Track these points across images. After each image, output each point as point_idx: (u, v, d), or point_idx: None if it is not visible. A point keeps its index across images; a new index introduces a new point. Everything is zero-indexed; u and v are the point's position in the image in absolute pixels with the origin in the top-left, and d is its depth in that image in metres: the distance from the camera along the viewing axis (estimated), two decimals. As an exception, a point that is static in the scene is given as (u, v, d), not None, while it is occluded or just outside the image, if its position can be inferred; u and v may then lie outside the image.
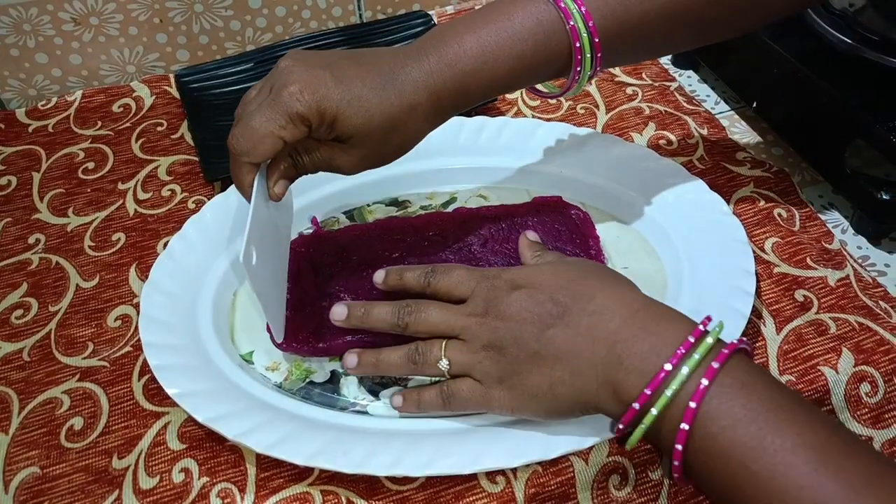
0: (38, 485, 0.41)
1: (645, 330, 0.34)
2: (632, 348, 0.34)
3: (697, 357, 0.32)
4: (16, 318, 0.49)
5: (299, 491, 0.40)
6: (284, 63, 0.39)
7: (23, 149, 0.62)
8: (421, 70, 0.39)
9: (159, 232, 0.55)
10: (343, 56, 0.39)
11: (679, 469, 0.32)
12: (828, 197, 0.57)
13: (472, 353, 0.39)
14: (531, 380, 0.37)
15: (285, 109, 0.37)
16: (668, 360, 0.32)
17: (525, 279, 0.39)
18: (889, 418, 0.42)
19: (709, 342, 0.32)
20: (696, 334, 0.33)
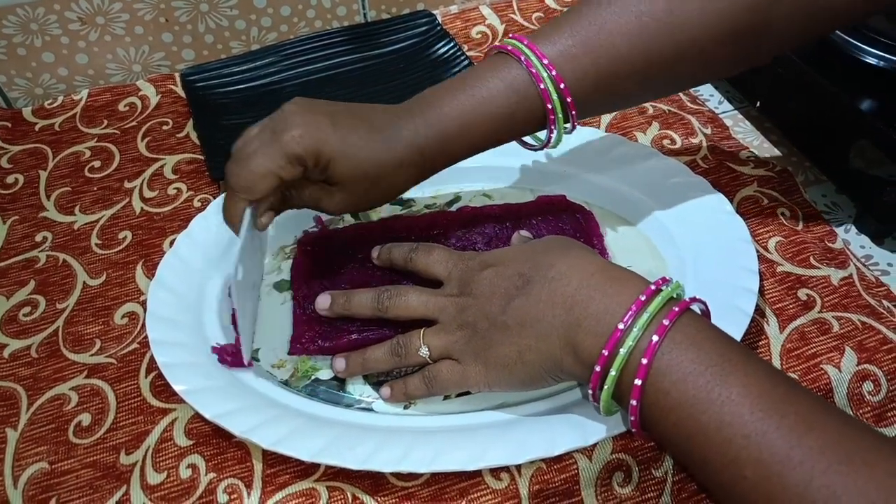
0: (46, 480, 0.41)
1: (600, 291, 0.35)
2: (587, 309, 0.35)
3: (647, 316, 0.33)
4: (24, 315, 0.50)
5: (305, 487, 0.40)
6: (289, 108, 0.41)
7: (29, 147, 0.63)
8: (408, 129, 0.42)
9: (165, 230, 0.55)
10: (344, 107, 0.42)
11: (636, 423, 0.34)
12: (831, 196, 0.57)
13: (448, 335, 0.40)
14: (501, 350, 0.38)
15: (285, 150, 0.39)
16: (621, 320, 0.33)
17: (495, 258, 0.41)
18: (892, 416, 0.43)
19: (658, 300, 0.34)
20: (648, 293, 0.34)
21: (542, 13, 0.74)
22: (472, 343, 0.39)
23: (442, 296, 0.42)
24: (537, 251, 0.40)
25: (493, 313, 0.39)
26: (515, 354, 0.38)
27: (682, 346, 0.32)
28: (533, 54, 0.41)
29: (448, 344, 0.40)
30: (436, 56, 0.68)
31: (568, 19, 0.42)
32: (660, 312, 0.34)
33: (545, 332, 0.37)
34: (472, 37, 0.72)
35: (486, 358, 0.39)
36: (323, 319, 0.46)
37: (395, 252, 0.46)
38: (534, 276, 0.38)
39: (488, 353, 0.39)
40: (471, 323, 0.40)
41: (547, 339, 0.37)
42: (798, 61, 0.56)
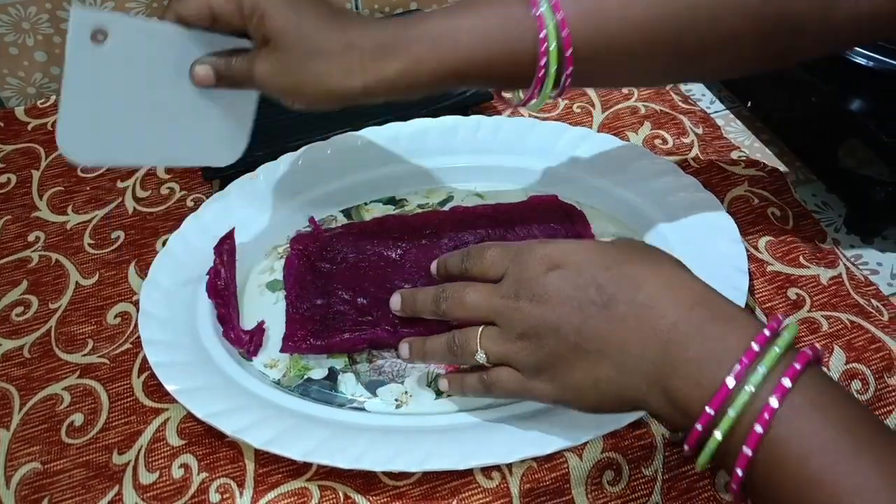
0: (39, 480, 0.42)
1: (702, 332, 0.30)
2: (687, 352, 0.30)
3: (763, 370, 0.28)
4: (16, 315, 0.50)
5: (297, 486, 0.40)
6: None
7: (22, 147, 0.63)
8: (378, 23, 0.38)
9: (158, 230, 0.55)
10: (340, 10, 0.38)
11: (737, 490, 0.29)
12: (821, 196, 0.58)
13: (507, 343, 0.36)
14: (573, 374, 0.34)
15: None
16: (731, 373, 0.28)
17: (563, 257, 0.35)
18: (880, 415, 0.43)
19: (776, 352, 0.28)
20: (761, 341, 0.29)
21: (535, 12, 0.74)
22: (535, 357, 0.35)
23: (498, 297, 0.36)
24: (617, 260, 0.34)
25: (563, 331, 0.34)
26: (591, 382, 0.34)
27: (804, 412, 0.27)
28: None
29: (507, 353, 0.36)
30: (429, 55, 0.68)
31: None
32: (777, 367, 0.28)
33: (630, 367, 0.32)
34: (466, 36, 0.72)
35: (552, 375, 0.35)
36: (315, 318, 0.46)
37: (449, 263, 0.41)
38: (617, 293, 0.33)
39: (555, 372, 0.35)
40: (533, 335, 0.35)
41: (631, 374, 0.32)
42: (788, 61, 0.56)
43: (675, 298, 0.32)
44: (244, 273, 0.50)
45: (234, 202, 0.53)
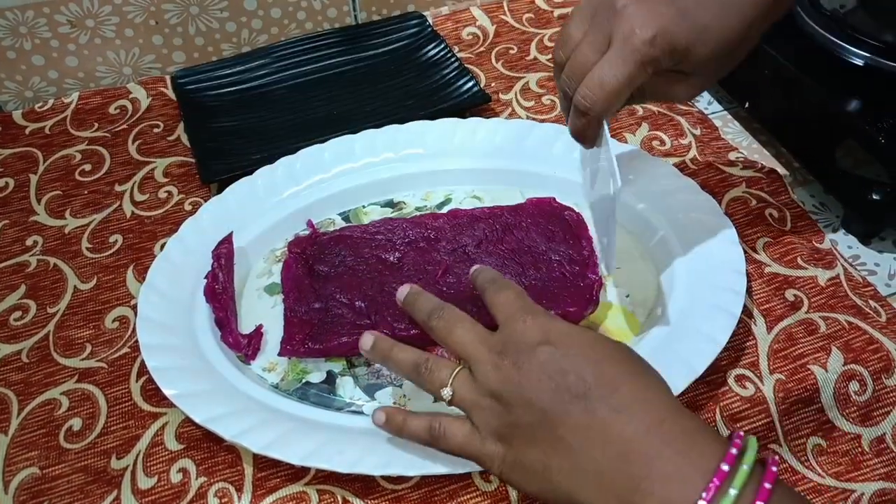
0: (37, 485, 0.41)
1: (670, 447, 0.30)
2: (652, 468, 0.29)
3: (734, 493, 0.27)
4: (14, 319, 0.50)
5: (296, 490, 0.40)
6: (621, 2, 0.37)
7: (20, 151, 0.63)
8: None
9: (156, 233, 0.55)
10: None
11: None
12: (819, 197, 0.58)
13: (477, 395, 0.35)
14: (527, 452, 0.33)
15: (639, 58, 0.36)
16: (701, 496, 0.28)
17: (558, 337, 0.34)
18: (877, 416, 0.43)
19: (744, 470, 0.28)
20: (729, 460, 0.28)
21: (532, 14, 0.74)
22: (498, 420, 0.34)
23: (485, 346, 0.36)
24: (605, 357, 0.33)
25: (533, 406, 0.33)
26: (541, 466, 0.33)
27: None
28: None
29: (473, 404, 0.35)
30: (426, 57, 0.69)
31: None
32: (746, 488, 0.28)
33: (584, 467, 0.31)
34: (463, 38, 0.72)
35: (509, 444, 0.34)
36: (313, 322, 0.46)
37: (480, 277, 0.41)
38: (594, 392, 0.32)
39: (513, 444, 0.34)
40: (504, 399, 0.34)
41: (584, 475, 0.31)
42: (785, 62, 0.56)
43: (645, 409, 0.31)
44: (242, 277, 0.50)
45: (232, 206, 0.53)
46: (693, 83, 0.41)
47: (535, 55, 0.70)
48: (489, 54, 0.70)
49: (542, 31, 0.72)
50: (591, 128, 0.40)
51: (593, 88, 0.37)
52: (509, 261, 0.49)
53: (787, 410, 0.43)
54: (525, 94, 0.65)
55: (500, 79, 0.67)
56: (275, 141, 0.61)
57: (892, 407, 0.43)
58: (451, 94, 0.64)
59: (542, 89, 0.66)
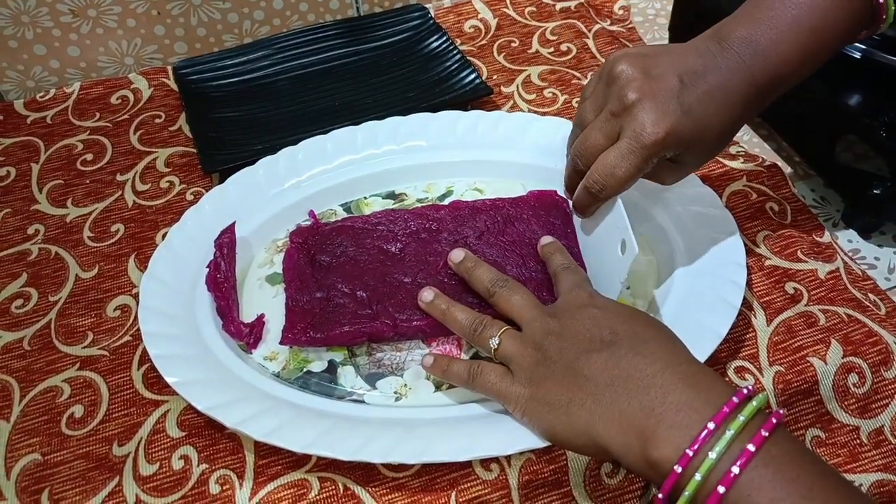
0: (39, 471, 0.42)
1: (685, 382, 0.33)
2: (667, 398, 0.32)
3: (742, 419, 0.30)
4: (16, 307, 0.50)
5: (297, 478, 0.41)
6: (632, 95, 0.40)
7: (21, 140, 0.63)
8: (746, 81, 0.40)
9: (158, 223, 0.55)
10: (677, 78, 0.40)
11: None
12: (819, 191, 0.58)
13: (522, 346, 0.39)
14: (553, 389, 0.37)
15: (648, 155, 0.40)
16: (711, 419, 0.30)
17: (604, 303, 0.39)
18: (876, 408, 0.43)
19: (753, 405, 0.31)
20: (741, 396, 0.31)
21: (534, 7, 0.74)
22: (533, 366, 0.38)
23: (539, 311, 0.40)
24: (639, 319, 0.38)
25: (567, 352, 0.37)
26: (565, 400, 0.36)
27: (776, 464, 0.29)
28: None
29: (516, 354, 0.39)
30: (428, 50, 0.69)
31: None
32: (754, 419, 0.31)
33: (605, 400, 0.34)
34: (465, 31, 0.72)
35: (535, 385, 0.38)
36: (315, 311, 0.46)
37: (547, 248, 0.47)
38: (623, 340, 0.36)
39: (539, 383, 0.37)
40: (545, 349, 0.38)
41: (604, 408, 0.34)
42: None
43: (668, 355, 0.35)
44: (244, 266, 0.51)
45: (234, 196, 0.53)
46: (682, 170, 0.44)
47: (536, 48, 0.70)
48: (491, 47, 0.70)
49: (544, 24, 0.72)
50: (596, 206, 0.44)
51: (604, 176, 0.41)
52: (510, 252, 0.49)
53: (786, 402, 0.43)
54: (527, 87, 0.65)
55: (502, 71, 0.67)
56: (277, 132, 0.61)
57: (891, 399, 0.43)
58: (453, 86, 0.64)
59: (544, 82, 0.66)
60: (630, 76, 0.40)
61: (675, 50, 0.42)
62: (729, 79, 0.40)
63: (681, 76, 0.40)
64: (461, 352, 0.46)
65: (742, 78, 0.40)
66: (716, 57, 0.41)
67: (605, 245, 0.45)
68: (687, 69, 0.40)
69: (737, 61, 0.40)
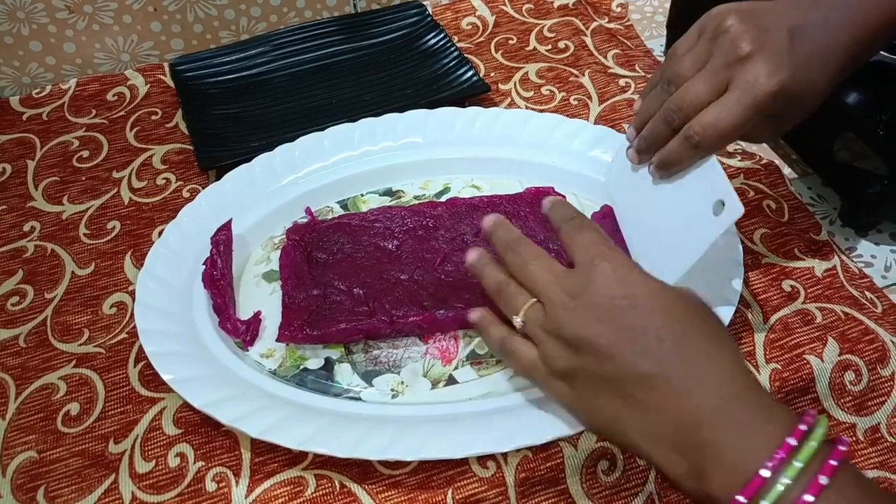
0: (35, 469, 0.42)
1: (739, 421, 0.30)
2: (722, 437, 0.30)
3: (799, 465, 0.28)
4: (12, 304, 0.50)
5: (293, 475, 0.40)
6: (746, 47, 0.38)
7: (17, 137, 0.62)
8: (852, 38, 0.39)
9: (154, 220, 0.55)
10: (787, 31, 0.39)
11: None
12: (817, 189, 0.58)
13: (546, 333, 0.35)
14: (597, 399, 0.34)
15: (760, 108, 0.38)
16: (765, 465, 0.28)
17: (639, 290, 0.34)
18: (872, 406, 0.43)
19: (812, 446, 0.28)
20: (798, 435, 0.29)
21: (532, 4, 0.74)
22: (566, 363, 0.35)
23: (560, 287, 0.35)
24: (684, 320, 0.33)
25: (605, 357, 0.33)
26: (610, 414, 0.33)
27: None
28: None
29: (542, 339, 0.36)
30: (426, 47, 0.68)
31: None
32: (812, 462, 0.28)
33: (655, 424, 0.32)
34: (463, 28, 0.72)
35: (575, 385, 0.35)
36: (312, 308, 0.46)
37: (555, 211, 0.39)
38: (672, 355, 0.32)
39: (580, 386, 0.34)
40: (576, 345, 0.34)
41: (653, 430, 0.32)
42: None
43: (720, 381, 0.32)
44: (240, 263, 0.50)
45: (231, 193, 0.53)
46: (777, 129, 0.43)
47: (534, 45, 0.69)
48: (489, 44, 0.70)
49: (542, 21, 0.72)
50: (694, 160, 0.41)
51: (708, 127, 0.39)
52: (508, 249, 0.49)
53: (783, 399, 0.43)
54: (524, 84, 0.65)
55: (500, 69, 0.67)
56: (273, 129, 0.61)
57: (887, 397, 0.43)
58: (451, 83, 0.64)
59: (542, 79, 0.66)
60: (742, 28, 0.39)
61: (776, 6, 0.41)
62: (836, 35, 0.39)
63: (791, 30, 0.39)
64: (458, 348, 0.46)
65: (848, 34, 0.39)
66: (817, 13, 0.40)
67: (688, 206, 0.42)
68: (796, 23, 0.39)
69: (839, 17, 0.40)
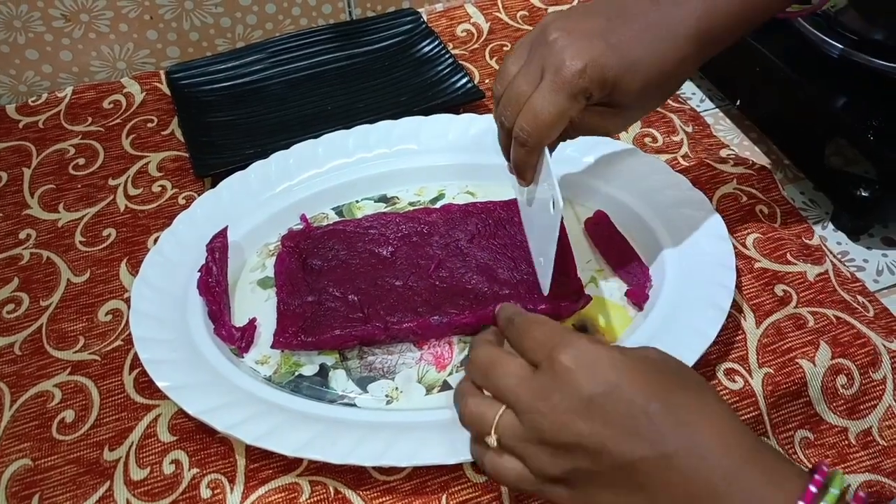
0: (29, 476, 0.42)
1: (751, 488, 0.28)
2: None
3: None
4: (7, 312, 0.50)
5: (288, 482, 0.41)
6: (553, 35, 0.38)
7: (13, 145, 0.63)
8: (690, 17, 0.38)
9: (150, 227, 0.55)
10: (607, 16, 0.38)
11: None
12: (809, 194, 0.58)
13: (526, 443, 0.32)
14: (601, 495, 0.31)
15: (570, 90, 0.37)
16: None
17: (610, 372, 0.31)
18: (864, 409, 0.43)
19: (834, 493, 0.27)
20: (809, 498, 0.27)
21: (526, 11, 0.74)
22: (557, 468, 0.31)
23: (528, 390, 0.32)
24: (673, 395, 0.30)
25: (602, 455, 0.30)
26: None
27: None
28: None
29: (524, 453, 0.32)
30: (420, 54, 0.69)
31: None
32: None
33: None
34: (458, 35, 0.73)
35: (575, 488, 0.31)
36: (306, 315, 0.46)
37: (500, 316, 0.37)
38: (668, 433, 0.29)
39: (577, 486, 0.31)
40: (563, 447, 0.31)
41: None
42: (775, 60, 0.56)
43: (726, 450, 0.29)
44: (235, 271, 0.51)
45: (226, 200, 0.53)
46: (623, 117, 0.41)
47: (528, 52, 0.70)
48: (483, 51, 0.70)
49: (536, 28, 0.72)
50: (531, 158, 0.40)
51: (528, 120, 0.38)
52: (501, 255, 0.49)
53: (775, 404, 0.43)
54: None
55: (494, 75, 0.67)
56: (269, 136, 0.61)
57: (879, 400, 0.44)
58: (445, 90, 0.64)
59: (536, 86, 0.66)
60: (553, 20, 0.39)
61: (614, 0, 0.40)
62: (670, 14, 0.38)
63: (609, 17, 0.38)
64: (453, 354, 0.46)
65: (686, 14, 0.38)
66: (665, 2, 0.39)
67: (542, 208, 0.42)
68: (619, 11, 0.39)
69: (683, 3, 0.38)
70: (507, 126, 0.40)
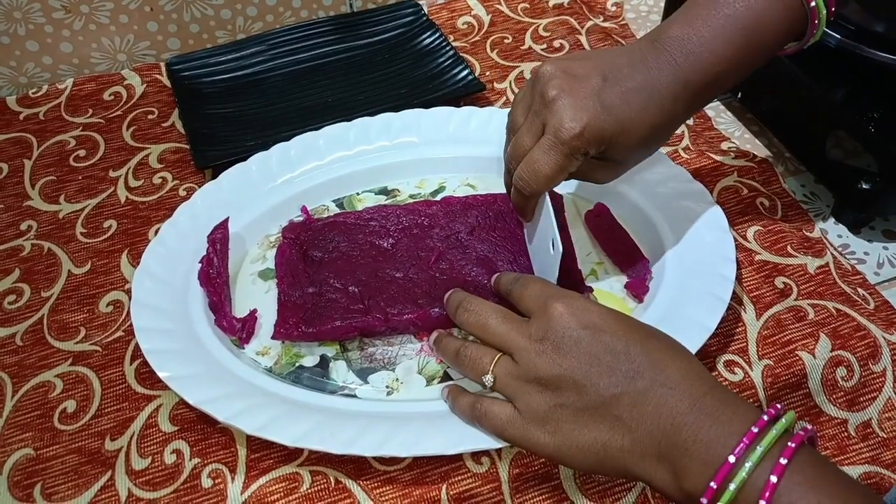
0: (31, 466, 0.42)
1: (711, 416, 0.32)
2: (697, 434, 0.32)
3: (760, 450, 0.30)
4: (8, 303, 0.50)
5: (289, 471, 0.41)
6: (552, 92, 0.40)
7: (14, 136, 0.62)
8: (676, 79, 0.40)
9: (150, 219, 0.55)
10: (603, 74, 0.40)
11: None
12: (810, 186, 0.58)
13: (520, 381, 0.37)
14: (582, 433, 0.35)
15: (568, 150, 0.39)
16: (732, 452, 0.31)
17: (597, 320, 0.36)
18: (864, 401, 0.44)
19: (773, 433, 0.31)
20: (760, 424, 0.31)
21: (527, 3, 0.74)
22: (546, 406, 0.36)
23: (524, 334, 0.38)
24: (646, 337, 0.36)
25: (585, 389, 0.35)
26: (599, 445, 0.35)
27: (802, 490, 0.29)
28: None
29: (517, 391, 0.37)
30: (421, 46, 0.69)
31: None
32: (774, 447, 0.31)
33: (642, 440, 0.34)
34: (458, 27, 0.72)
35: (557, 429, 0.36)
36: (307, 306, 0.46)
37: (502, 280, 0.43)
38: (645, 371, 0.34)
39: (562, 426, 0.36)
40: (552, 384, 0.36)
41: (642, 446, 0.34)
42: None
43: (691, 385, 0.34)
44: (236, 262, 0.51)
45: (227, 192, 0.53)
46: (616, 170, 0.44)
47: (529, 44, 0.70)
48: (484, 43, 0.70)
49: (537, 20, 0.72)
50: (529, 203, 0.44)
51: (529, 173, 0.41)
52: (501, 248, 0.49)
53: (775, 395, 0.44)
54: (519, 84, 0.66)
55: (495, 68, 0.67)
56: (269, 128, 0.61)
57: (878, 392, 0.44)
58: (446, 82, 0.64)
59: (537, 78, 0.66)
60: (551, 74, 0.41)
61: (606, 53, 0.42)
62: (658, 77, 0.40)
63: (604, 75, 0.40)
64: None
65: (672, 76, 0.40)
66: (646, 56, 0.41)
67: (542, 244, 0.45)
68: (612, 68, 0.40)
69: (667, 60, 0.40)
70: (511, 171, 0.43)
